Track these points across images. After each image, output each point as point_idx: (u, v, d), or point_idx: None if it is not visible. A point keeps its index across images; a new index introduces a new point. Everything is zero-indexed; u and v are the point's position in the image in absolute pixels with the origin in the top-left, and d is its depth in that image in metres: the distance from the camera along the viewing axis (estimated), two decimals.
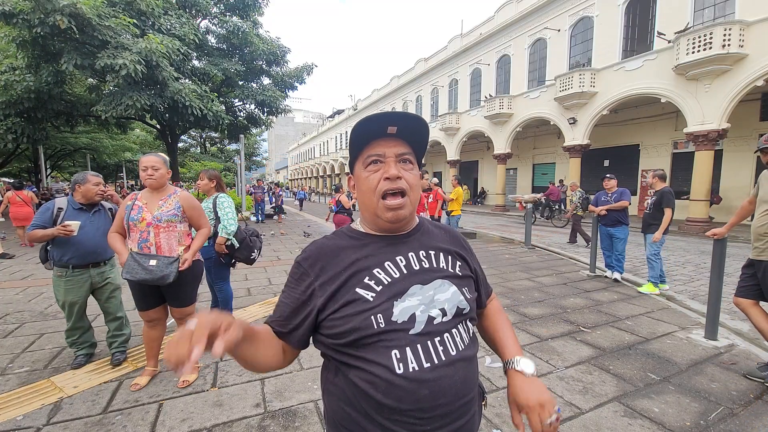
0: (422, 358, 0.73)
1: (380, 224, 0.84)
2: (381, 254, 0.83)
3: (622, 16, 13.48)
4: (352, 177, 0.90)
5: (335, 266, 0.81)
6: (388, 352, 0.73)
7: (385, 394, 0.72)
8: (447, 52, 23.22)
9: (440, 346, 0.76)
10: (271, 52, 14.57)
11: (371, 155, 0.81)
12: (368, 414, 0.74)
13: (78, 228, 2.60)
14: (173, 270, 2.34)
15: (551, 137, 19.03)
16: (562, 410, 2.27)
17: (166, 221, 2.41)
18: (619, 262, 5.38)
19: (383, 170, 0.80)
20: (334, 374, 0.81)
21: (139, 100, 10.19)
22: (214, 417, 2.18)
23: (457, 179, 8.36)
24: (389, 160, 0.80)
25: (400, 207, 0.79)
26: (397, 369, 0.72)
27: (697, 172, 11.19)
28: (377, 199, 0.80)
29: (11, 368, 2.77)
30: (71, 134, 16.96)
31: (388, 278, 0.79)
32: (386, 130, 0.80)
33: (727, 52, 9.88)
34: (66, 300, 2.67)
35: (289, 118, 74.93)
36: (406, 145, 0.82)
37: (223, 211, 3.29)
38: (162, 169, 2.42)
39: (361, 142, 0.82)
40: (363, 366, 0.74)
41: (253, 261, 3.55)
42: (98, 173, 2.89)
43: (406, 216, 0.82)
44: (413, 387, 0.72)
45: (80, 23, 8.96)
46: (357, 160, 0.85)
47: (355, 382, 0.75)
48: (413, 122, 0.81)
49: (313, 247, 0.87)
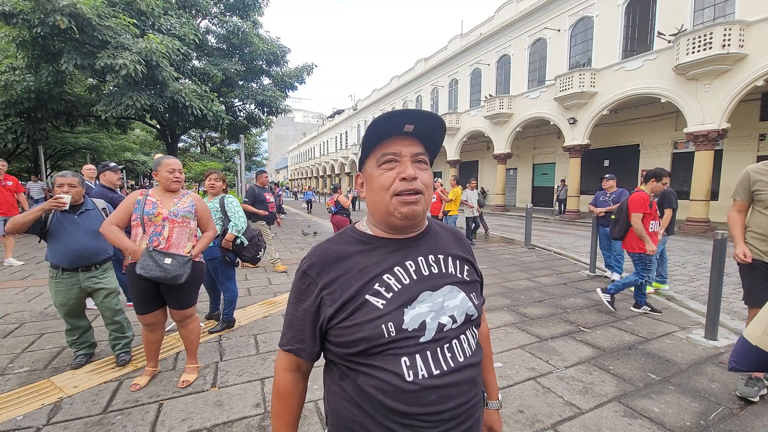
0: (431, 365, 0.73)
1: (392, 222, 0.80)
2: (390, 259, 0.80)
3: (622, 16, 13.48)
4: (360, 175, 0.86)
5: (343, 273, 0.78)
6: (398, 359, 0.73)
7: (394, 399, 0.72)
8: (447, 52, 23.23)
9: (449, 352, 0.76)
10: (271, 52, 14.56)
11: (386, 153, 0.78)
12: (375, 417, 0.74)
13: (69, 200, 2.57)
14: (187, 270, 2.37)
15: (551, 137, 19.03)
16: (562, 410, 2.28)
17: (182, 216, 2.46)
18: (618, 262, 5.38)
19: (399, 170, 0.77)
20: (339, 377, 0.80)
21: (139, 100, 10.18)
22: (214, 417, 2.18)
23: (456, 179, 8.38)
24: (405, 159, 0.78)
25: (415, 202, 0.77)
26: (407, 377, 0.72)
27: (697, 172, 11.19)
28: (390, 197, 0.77)
29: (11, 368, 2.77)
30: (71, 134, 16.96)
31: (398, 284, 0.78)
32: (403, 128, 0.77)
33: (727, 52, 9.88)
34: (56, 301, 2.66)
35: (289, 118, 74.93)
36: (420, 144, 0.80)
37: (233, 210, 3.44)
38: (183, 174, 2.54)
39: (375, 139, 0.79)
40: (372, 372, 0.74)
41: (258, 260, 3.61)
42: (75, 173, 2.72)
43: (420, 214, 0.79)
44: (422, 393, 0.72)
45: (80, 23, 8.95)
46: (369, 158, 0.82)
47: (363, 387, 0.74)
48: (432, 121, 0.79)
49: (318, 252, 0.82)
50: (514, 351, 3.10)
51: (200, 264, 2.62)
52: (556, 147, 18.74)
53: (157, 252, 2.33)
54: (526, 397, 2.42)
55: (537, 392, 2.48)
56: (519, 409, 2.28)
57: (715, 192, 12.61)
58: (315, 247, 0.84)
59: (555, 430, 2.09)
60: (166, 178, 2.44)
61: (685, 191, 12.65)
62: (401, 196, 0.76)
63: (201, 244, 2.56)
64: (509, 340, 3.30)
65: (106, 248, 2.82)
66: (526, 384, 2.58)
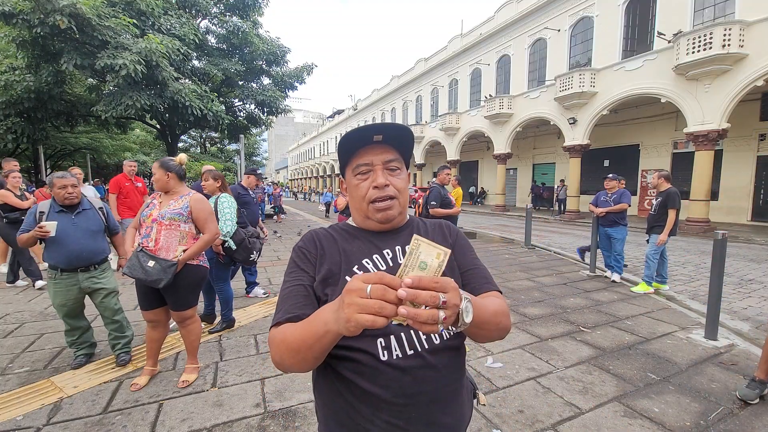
0: (406, 346, 0.77)
1: (370, 225, 0.90)
2: (371, 247, 0.88)
3: (622, 16, 13.48)
4: (343, 181, 0.95)
5: (330, 251, 0.87)
6: (374, 340, 0.76)
7: (371, 381, 0.75)
8: (447, 52, 23.23)
9: (423, 335, 0.79)
10: (271, 52, 14.56)
11: (359, 164, 0.86)
12: (354, 405, 0.77)
13: (54, 228, 2.51)
14: (168, 275, 2.31)
15: (551, 137, 19.03)
16: (562, 410, 2.28)
17: (169, 219, 2.42)
18: (617, 262, 5.38)
19: (371, 178, 0.85)
20: (323, 368, 0.82)
21: (139, 100, 10.18)
22: (214, 417, 2.18)
23: (458, 179, 8.36)
24: (377, 168, 0.85)
25: (388, 208, 0.85)
26: (381, 356, 0.75)
27: (697, 172, 11.19)
28: (366, 204, 0.86)
29: (11, 368, 2.77)
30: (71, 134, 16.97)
31: (374, 269, 0.83)
32: (372, 138, 0.84)
33: (727, 52, 9.87)
34: (55, 302, 2.65)
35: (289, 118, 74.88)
36: (392, 150, 0.87)
37: (222, 211, 3.27)
38: (157, 175, 2.50)
39: (349, 150, 0.87)
40: (348, 355, 0.77)
41: (252, 262, 3.54)
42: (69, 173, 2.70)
43: (395, 215, 0.87)
44: (397, 374, 0.75)
45: (80, 23, 8.94)
46: (347, 168, 0.91)
47: (343, 373, 0.78)
48: (397, 131, 0.86)
49: (309, 234, 0.93)
50: (514, 351, 3.10)
51: (201, 267, 2.58)
52: (556, 147, 18.73)
53: (144, 253, 2.34)
54: (526, 397, 2.42)
55: (537, 392, 2.48)
56: (519, 409, 2.28)
57: (715, 192, 12.62)
58: (307, 232, 0.94)
59: (555, 430, 2.09)
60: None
61: (685, 191, 12.65)
62: (375, 203, 0.85)
63: (194, 248, 2.47)
64: (509, 340, 3.30)
65: (104, 248, 2.82)
66: (526, 384, 2.58)
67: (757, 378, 2.41)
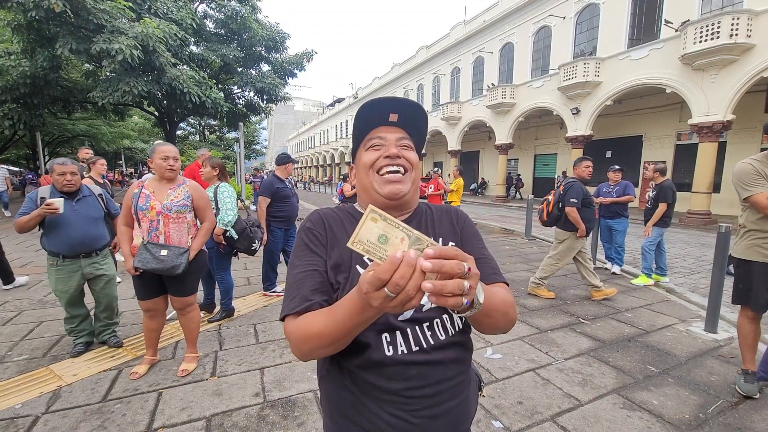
0: (411, 342, 0.75)
1: (377, 201, 0.81)
2: None
3: (629, 3, 13.20)
4: (354, 166, 0.91)
5: (340, 235, 0.82)
6: (379, 335, 0.75)
7: (377, 374, 0.74)
8: (449, 39, 22.83)
9: (428, 331, 0.77)
10: (270, 38, 14.31)
11: (372, 138, 0.83)
12: (360, 398, 0.76)
13: (62, 205, 2.48)
14: (183, 261, 2.34)
15: (553, 128, 18.85)
16: (561, 402, 2.28)
17: (176, 212, 2.38)
18: (618, 254, 5.37)
19: (382, 151, 0.82)
20: (329, 361, 0.82)
21: (136, 86, 10.04)
22: (214, 406, 2.18)
23: (459, 170, 8.31)
24: (390, 143, 0.82)
25: (398, 181, 0.80)
26: (387, 351, 0.74)
27: (700, 164, 11.10)
28: (373, 174, 0.81)
29: (10, 356, 2.77)
30: (69, 121, 16.80)
31: None
32: (388, 118, 0.82)
33: (735, 42, 9.69)
34: (57, 289, 2.65)
35: (289, 106, 74.17)
36: (405, 133, 0.85)
37: (223, 201, 3.27)
38: (179, 162, 2.43)
39: (363, 128, 0.84)
40: (354, 349, 0.75)
41: (254, 252, 3.53)
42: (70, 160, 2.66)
43: (405, 193, 0.81)
44: (402, 368, 0.74)
45: (75, 7, 8.76)
46: (360, 147, 0.87)
47: (348, 366, 0.77)
48: (414, 111, 0.83)
49: (316, 215, 0.87)
50: (514, 342, 3.10)
51: (202, 252, 2.60)
52: (558, 138, 18.56)
53: (153, 244, 2.31)
54: (525, 388, 2.42)
55: (536, 384, 2.48)
56: (518, 401, 2.28)
57: (718, 184, 12.54)
58: (313, 212, 0.89)
59: (554, 422, 2.09)
60: (159, 165, 2.36)
61: (687, 183, 12.59)
62: (384, 175, 0.80)
63: (200, 237, 2.51)
64: (509, 332, 3.29)
65: (105, 234, 2.86)
66: (526, 375, 2.58)
67: (750, 370, 2.40)
